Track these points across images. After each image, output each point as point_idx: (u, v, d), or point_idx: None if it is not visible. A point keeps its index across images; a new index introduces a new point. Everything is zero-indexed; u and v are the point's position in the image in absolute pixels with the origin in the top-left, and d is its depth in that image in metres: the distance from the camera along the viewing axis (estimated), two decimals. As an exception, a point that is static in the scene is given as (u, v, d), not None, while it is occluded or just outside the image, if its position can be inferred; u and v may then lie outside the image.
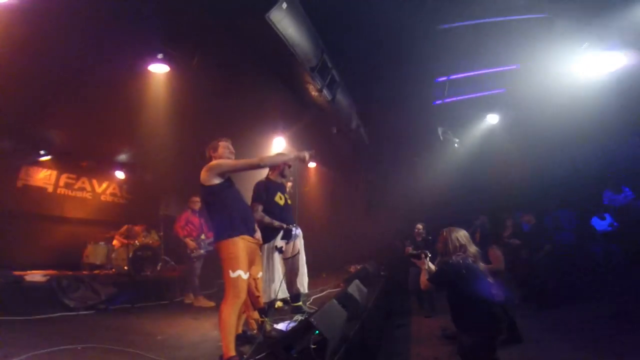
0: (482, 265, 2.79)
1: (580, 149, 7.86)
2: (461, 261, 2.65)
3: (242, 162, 2.68)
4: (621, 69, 5.19)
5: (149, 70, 4.82)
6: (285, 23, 3.43)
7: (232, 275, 2.33)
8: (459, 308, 2.66)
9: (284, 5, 3.24)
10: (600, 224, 6.68)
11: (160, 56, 4.38)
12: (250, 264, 2.54)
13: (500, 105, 7.56)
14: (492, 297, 2.64)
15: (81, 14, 3.29)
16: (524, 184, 7.66)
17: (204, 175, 2.54)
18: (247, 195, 3.31)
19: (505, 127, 7.95)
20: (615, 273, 5.65)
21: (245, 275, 2.37)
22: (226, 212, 2.48)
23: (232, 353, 2.27)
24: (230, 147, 2.73)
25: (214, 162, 2.61)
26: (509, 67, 6.35)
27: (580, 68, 5.42)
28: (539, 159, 8.19)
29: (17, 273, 4.75)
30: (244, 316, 2.68)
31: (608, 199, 7.03)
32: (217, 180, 2.52)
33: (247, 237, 2.51)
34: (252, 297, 2.66)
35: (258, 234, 2.75)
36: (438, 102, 7.32)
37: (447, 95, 6.97)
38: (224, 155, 2.66)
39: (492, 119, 8.04)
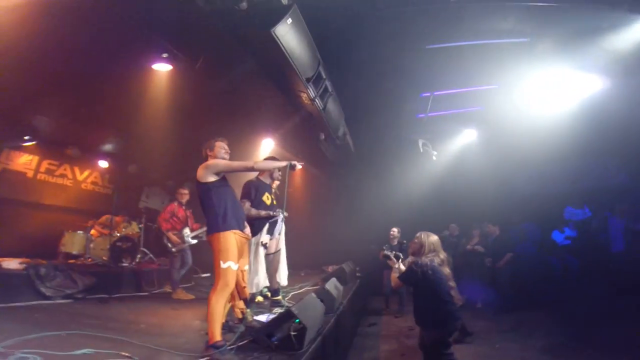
0: (446, 270, 3.09)
1: (548, 167, 8.45)
2: (429, 263, 2.92)
3: (237, 163, 2.89)
4: (592, 94, 5.56)
5: (150, 67, 4.82)
6: (289, 37, 3.57)
7: (223, 266, 2.51)
8: (421, 306, 2.94)
9: (289, 20, 3.40)
10: (560, 236, 7.25)
11: (164, 55, 4.44)
12: (239, 256, 2.71)
13: (478, 121, 7.98)
14: (451, 299, 2.95)
15: (92, 11, 3.35)
16: (494, 197, 8.12)
17: (200, 172, 2.70)
18: (238, 192, 3.50)
19: (481, 142, 8.37)
20: (570, 282, 6.15)
21: (234, 267, 2.55)
22: (220, 208, 2.64)
23: (218, 338, 2.44)
24: (226, 147, 2.90)
25: (211, 161, 2.77)
26: (488, 87, 6.75)
27: (553, 91, 5.81)
28: (510, 174, 8.74)
29: (-9, 260, 4.65)
30: (229, 306, 2.85)
31: (569, 214, 7.65)
32: (212, 178, 2.69)
33: (237, 231, 2.69)
34: (238, 288, 2.85)
35: (247, 229, 2.94)
36: (421, 115, 7.68)
37: (429, 109, 7.33)
38: (219, 154, 2.83)
39: (469, 135, 8.50)
